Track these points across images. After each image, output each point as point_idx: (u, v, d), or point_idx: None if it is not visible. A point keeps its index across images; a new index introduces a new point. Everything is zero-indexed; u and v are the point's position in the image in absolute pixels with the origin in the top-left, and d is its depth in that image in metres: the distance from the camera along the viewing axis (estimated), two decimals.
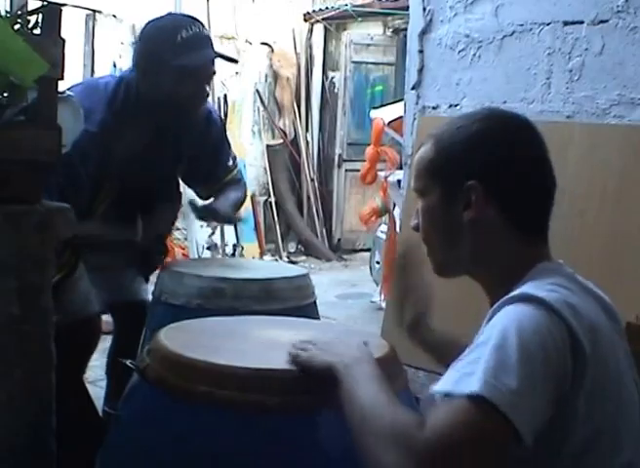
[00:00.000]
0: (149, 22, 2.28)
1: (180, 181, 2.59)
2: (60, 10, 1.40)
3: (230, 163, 2.57)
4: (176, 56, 2.10)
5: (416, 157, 1.32)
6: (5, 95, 1.38)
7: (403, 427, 1.03)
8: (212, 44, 2.21)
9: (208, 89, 2.24)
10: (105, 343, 2.62)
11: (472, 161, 1.23)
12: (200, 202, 2.49)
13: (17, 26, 1.40)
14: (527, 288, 1.14)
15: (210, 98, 2.43)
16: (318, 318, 2.14)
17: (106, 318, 2.53)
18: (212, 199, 2.51)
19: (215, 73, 2.28)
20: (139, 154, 2.25)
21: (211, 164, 2.50)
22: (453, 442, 0.98)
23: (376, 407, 1.09)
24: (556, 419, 1.05)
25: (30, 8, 1.45)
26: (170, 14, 2.57)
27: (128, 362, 1.37)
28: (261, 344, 1.44)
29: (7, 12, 1.47)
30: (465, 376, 1.03)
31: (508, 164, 1.23)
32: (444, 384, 1.04)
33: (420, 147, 1.32)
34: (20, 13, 1.44)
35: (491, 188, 1.22)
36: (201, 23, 2.21)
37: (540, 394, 1.02)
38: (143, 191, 2.32)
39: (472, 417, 0.99)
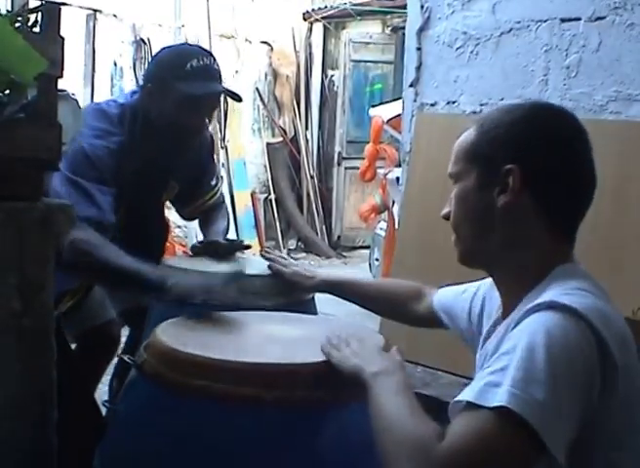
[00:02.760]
0: (165, 48, 2.33)
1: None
2: (60, 8, 1.41)
3: (214, 182, 2.57)
4: (182, 82, 2.12)
5: (457, 142, 1.28)
6: (5, 92, 1.39)
7: (423, 437, 1.01)
8: (220, 78, 2.22)
9: (208, 121, 2.26)
10: None
11: (513, 144, 1.20)
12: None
13: (16, 25, 1.41)
14: (554, 293, 1.10)
15: None
16: (316, 313, 2.15)
17: None
18: (196, 221, 2.55)
19: (217, 107, 2.29)
20: (142, 175, 2.27)
21: (197, 183, 2.51)
22: (472, 454, 0.96)
23: (399, 416, 1.07)
24: (584, 430, 1.02)
25: (31, 7, 1.46)
26: (186, 43, 2.63)
27: (126, 357, 1.38)
28: (259, 339, 1.45)
29: (8, 11, 1.48)
30: (491, 387, 0.99)
31: (550, 152, 1.19)
32: (469, 393, 1.01)
33: (464, 132, 1.28)
34: (19, 11, 1.45)
35: (529, 174, 1.18)
36: (214, 58, 2.21)
37: (568, 409, 0.99)
38: (145, 211, 2.35)
39: (498, 430, 0.96)
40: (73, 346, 2.36)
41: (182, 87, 2.12)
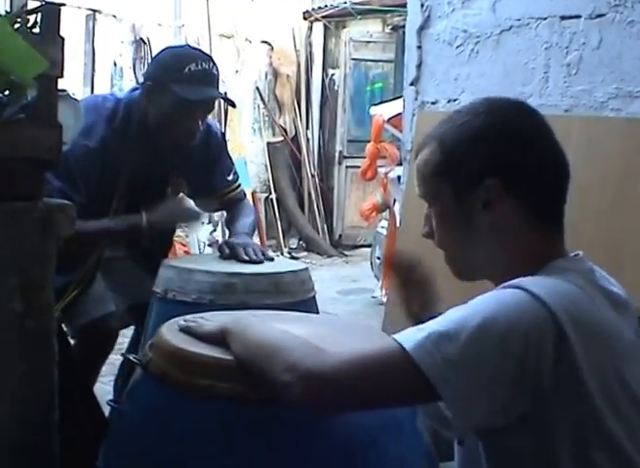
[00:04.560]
0: (166, 48, 2.38)
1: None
2: (59, 9, 1.41)
3: (231, 177, 2.58)
4: (179, 85, 2.17)
5: (418, 162, 1.26)
6: (5, 93, 1.39)
7: (313, 344, 1.09)
8: (217, 83, 2.27)
9: (201, 124, 2.28)
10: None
11: (485, 157, 1.18)
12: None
13: (16, 26, 1.41)
14: (524, 279, 1.11)
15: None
16: (317, 312, 2.15)
17: None
18: (219, 213, 2.58)
19: (212, 110, 2.38)
20: (140, 171, 2.28)
21: (211, 176, 2.52)
22: (360, 366, 1.04)
23: (284, 334, 1.17)
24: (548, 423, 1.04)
25: (30, 8, 1.46)
26: (187, 46, 2.65)
27: (131, 356, 1.38)
28: None
29: (7, 12, 1.48)
30: (417, 330, 1.05)
31: (523, 151, 1.18)
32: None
33: (421, 151, 1.25)
34: (19, 12, 1.45)
35: (509, 180, 1.17)
36: (213, 62, 2.25)
37: (488, 373, 1.01)
38: (147, 206, 2.35)
39: (390, 364, 1.03)
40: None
41: (179, 90, 2.17)
